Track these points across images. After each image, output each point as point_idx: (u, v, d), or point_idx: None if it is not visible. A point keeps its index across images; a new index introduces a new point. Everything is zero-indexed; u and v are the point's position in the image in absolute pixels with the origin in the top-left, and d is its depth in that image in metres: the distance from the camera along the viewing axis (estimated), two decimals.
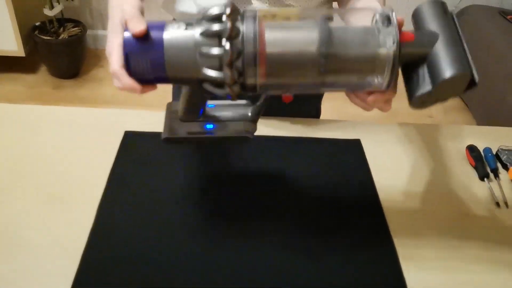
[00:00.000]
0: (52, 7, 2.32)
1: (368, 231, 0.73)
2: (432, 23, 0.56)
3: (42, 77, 2.50)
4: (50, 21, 2.36)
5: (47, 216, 0.71)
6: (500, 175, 0.86)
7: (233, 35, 0.52)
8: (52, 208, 0.72)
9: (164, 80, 0.57)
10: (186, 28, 0.54)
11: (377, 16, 0.55)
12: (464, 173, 0.86)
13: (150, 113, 0.92)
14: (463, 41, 0.57)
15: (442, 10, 0.58)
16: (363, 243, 0.71)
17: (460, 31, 0.57)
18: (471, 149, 0.89)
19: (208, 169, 0.81)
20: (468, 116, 2.42)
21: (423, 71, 0.55)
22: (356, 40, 0.54)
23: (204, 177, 0.79)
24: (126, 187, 0.76)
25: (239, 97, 0.57)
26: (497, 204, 0.80)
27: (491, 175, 0.86)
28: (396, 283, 0.66)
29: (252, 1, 0.81)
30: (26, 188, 0.75)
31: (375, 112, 0.63)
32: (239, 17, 0.53)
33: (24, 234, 0.67)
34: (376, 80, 0.55)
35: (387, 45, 0.52)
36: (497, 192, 0.82)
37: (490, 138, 0.94)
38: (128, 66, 0.56)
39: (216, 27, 0.52)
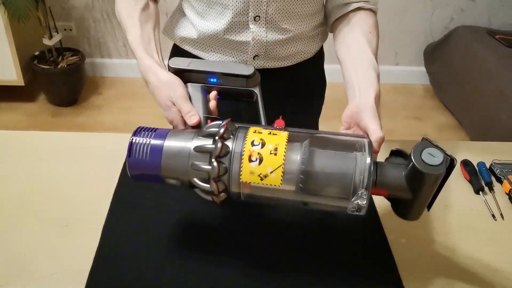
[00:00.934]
0: (51, 37, 2.36)
1: (367, 245, 0.74)
2: (420, 186, 0.58)
3: (41, 105, 2.53)
4: (49, 50, 2.41)
5: (52, 242, 0.72)
6: (495, 188, 0.88)
7: (221, 154, 0.59)
8: (57, 233, 0.73)
9: (158, 174, 0.62)
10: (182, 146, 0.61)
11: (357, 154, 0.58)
12: (459, 187, 0.88)
13: None
14: (443, 183, 0.60)
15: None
16: (362, 258, 0.72)
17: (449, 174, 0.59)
18: (466, 164, 0.91)
19: None
20: (462, 134, 2.45)
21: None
22: (333, 174, 0.58)
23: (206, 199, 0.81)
24: (129, 209, 0.78)
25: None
26: (493, 216, 0.82)
27: (486, 189, 0.88)
28: None
29: (250, 26, 0.84)
30: (31, 215, 0.76)
31: None
32: (231, 135, 0.60)
33: (29, 261, 0.68)
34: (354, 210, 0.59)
35: (359, 201, 0.57)
36: (492, 205, 0.84)
37: (483, 153, 0.97)
38: (130, 156, 0.62)
39: (208, 146, 0.59)
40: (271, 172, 0.57)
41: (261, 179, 0.58)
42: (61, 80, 2.43)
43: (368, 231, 0.77)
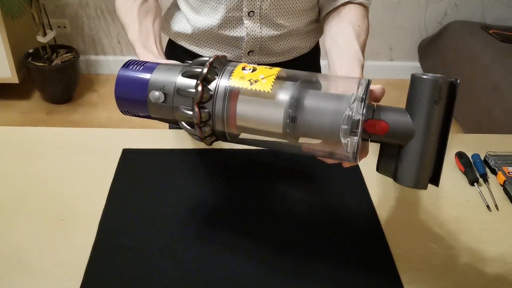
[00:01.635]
0: (45, 34, 2.35)
1: (364, 237, 0.75)
2: (422, 109, 0.53)
3: (35, 103, 2.52)
4: (43, 47, 2.40)
5: (49, 237, 0.72)
6: (489, 180, 0.89)
7: (203, 100, 0.54)
8: (54, 228, 0.73)
9: (144, 108, 0.60)
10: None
11: (354, 95, 0.53)
12: (454, 179, 0.89)
13: (147, 131, 0.95)
14: (447, 136, 0.55)
15: (436, 97, 0.53)
16: (359, 249, 0.73)
17: (451, 117, 0.55)
18: (460, 156, 0.92)
19: (206, 183, 0.83)
20: (456, 128, 2.47)
21: (393, 158, 0.57)
22: (324, 113, 0.53)
23: (203, 190, 0.81)
24: (125, 204, 0.78)
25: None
26: (488, 207, 0.83)
27: (481, 180, 0.88)
28: (392, 284, 0.68)
29: (244, 21, 0.84)
30: (27, 210, 0.76)
31: None
32: (216, 76, 0.55)
33: (26, 257, 0.68)
34: (339, 152, 0.55)
35: (350, 132, 0.51)
36: (487, 196, 0.85)
37: (477, 145, 0.97)
38: (118, 89, 0.60)
39: (196, 69, 0.56)
40: (263, 78, 0.54)
41: (251, 84, 0.54)
42: (55, 77, 2.42)
43: (364, 223, 0.77)
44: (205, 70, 0.55)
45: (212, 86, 0.55)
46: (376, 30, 2.76)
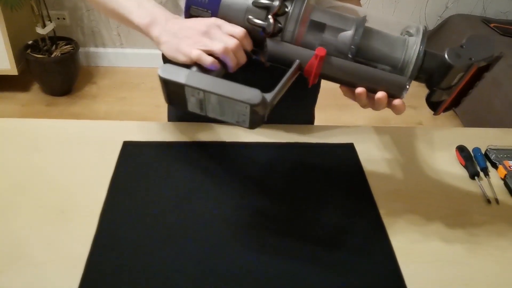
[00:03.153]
0: (44, 26, 2.34)
1: (365, 231, 0.75)
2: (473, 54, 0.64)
3: (35, 95, 2.51)
4: (43, 39, 2.39)
5: (50, 229, 0.72)
6: (490, 174, 0.89)
7: (279, 12, 0.61)
8: (54, 221, 0.73)
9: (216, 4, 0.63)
10: None
11: (408, 28, 0.65)
12: (455, 173, 0.89)
13: (148, 123, 0.94)
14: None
15: (488, 47, 0.67)
16: (360, 242, 0.73)
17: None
18: (461, 149, 0.92)
19: (207, 175, 0.83)
20: (456, 122, 2.47)
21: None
22: (386, 42, 0.63)
23: (203, 183, 0.81)
24: (126, 197, 0.78)
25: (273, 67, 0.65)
26: (488, 201, 0.83)
27: (481, 174, 0.88)
28: (393, 276, 0.68)
29: None
30: (27, 203, 0.76)
31: (367, 119, 0.67)
32: None
33: (26, 248, 0.68)
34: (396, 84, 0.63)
35: (412, 53, 0.62)
36: (488, 190, 0.85)
37: (478, 139, 0.97)
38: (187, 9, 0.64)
39: (266, 2, 0.61)
40: None
41: None
42: (55, 69, 2.41)
43: (365, 217, 0.77)
44: None
45: (288, 4, 0.61)
46: None
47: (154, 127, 0.94)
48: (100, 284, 0.64)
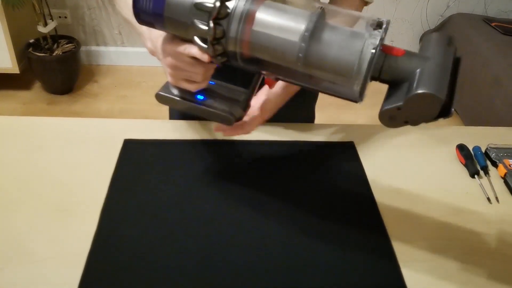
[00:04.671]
0: (45, 24, 2.34)
1: (365, 229, 0.75)
2: (431, 50, 0.55)
3: (36, 93, 2.52)
4: (44, 38, 2.39)
5: (51, 226, 0.72)
6: (490, 172, 0.89)
7: (220, 16, 0.56)
8: (55, 218, 0.73)
9: (161, 21, 0.61)
10: None
11: (369, 22, 0.55)
12: (455, 171, 0.89)
13: (149, 121, 0.95)
14: (456, 77, 0.55)
15: (447, 42, 0.57)
16: (361, 241, 0.73)
17: (458, 70, 0.55)
18: (461, 148, 0.92)
19: (207, 173, 0.83)
20: (457, 121, 2.46)
21: (402, 88, 0.54)
22: (340, 39, 0.55)
23: (204, 181, 0.81)
24: (127, 194, 0.78)
25: (227, 66, 0.62)
26: (488, 199, 0.83)
27: (481, 172, 0.89)
28: (393, 275, 0.68)
29: None
30: (28, 200, 0.76)
31: (368, 118, 0.67)
32: None
33: (27, 245, 0.69)
34: (348, 86, 0.56)
35: (367, 50, 0.52)
36: (488, 189, 0.85)
37: (479, 137, 0.98)
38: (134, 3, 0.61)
39: (207, 5, 0.56)
40: None
41: None
42: (56, 68, 2.41)
43: (365, 215, 0.77)
44: None
45: (230, 4, 0.56)
46: None
47: (155, 125, 0.94)
48: (100, 281, 0.64)
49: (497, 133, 1.01)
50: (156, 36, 0.68)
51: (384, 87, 0.60)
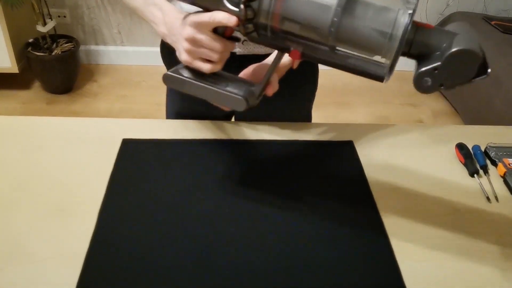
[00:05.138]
0: (44, 24, 2.34)
1: (364, 228, 0.75)
2: (457, 29, 0.55)
3: (35, 93, 2.52)
4: (43, 37, 2.39)
5: (49, 225, 0.72)
6: (490, 171, 0.89)
7: None
8: (53, 218, 0.73)
9: None
10: None
11: None
12: (454, 170, 0.89)
13: (147, 121, 0.94)
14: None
15: (468, 25, 0.57)
16: (359, 240, 0.73)
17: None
18: (461, 147, 0.92)
19: (206, 173, 0.83)
20: (457, 120, 2.46)
21: (435, 57, 0.53)
22: (374, 6, 0.54)
23: (202, 181, 0.81)
24: (125, 194, 0.78)
25: (252, 40, 0.60)
26: (488, 199, 0.83)
27: (481, 172, 0.88)
28: (392, 274, 0.68)
29: None
30: (26, 200, 0.76)
31: (367, 117, 0.66)
32: None
33: (26, 244, 0.69)
34: (381, 57, 0.56)
35: (401, 19, 0.52)
36: (487, 188, 0.85)
37: (478, 136, 0.97)
38: None
39: None
40: None
41: None
42: (55, 67, 2.41)
43: (364, 215, 0.77)
44: None
45: None
46: None
47: (153, 124, 0.94)
48: (98, 281, 0.64)
49: (497, 132, 1.01)
50: (171, 19, 0.68)
51: (384, 86, 0.59)
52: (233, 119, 1.11)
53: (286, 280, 0.66)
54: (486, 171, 0.89)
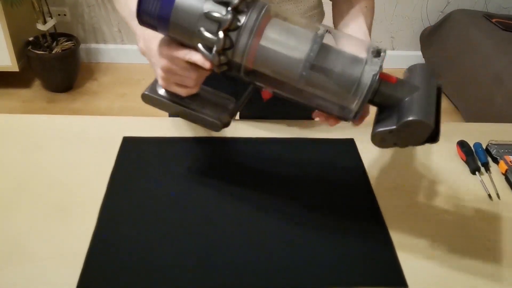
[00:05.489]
0: (45, 22, 2.34)
1: (365, 225, 0.75)
2: (417, 79, 0.60)
3: (36, 91, 2.51)
4: (43, 35, 2.38)
5: (49, 225, 0.72)
6: (491, 168, 0.89)
7: (239, 8, 0.56)
8: (54, 217, 0.73)
9: (165, 26, 0.60)
10: None
11: (370, 49, 0.59)
12: (455, 168, 0.89)
13: (148, 119, 0.94)
14: (440, 106, 0.60)
15: (430, 73, 0.62)
16: (361, 237, 0.73)
17: (440, 99, 0.60)
18: (462, 145, 0.92)
19: (207, 171, 0.83)
20: (458, 118, 2.46)
21: (393, 113, 0.58)
22: (342, 61, 0.58)
23: (203, 179, 0.81)
24: (126, 192, 0.78)
25: (225, 76, 0.62)
26: (489, 196, 0.82)
27: (482, 169, 0.88)
28: (394, 272, 0.68)
29: None
30: (27, 199, 0.76)
31: (369, 115, 0.67)
32: (245, 8, 0.57)
33: (26, 244, 0.68)
34: (346, 106, 0.59)
35: (368, 75, 0.56)
36: (489, 185, 0.85)
37: (479, 134, 0.97)
38: (140, 3, 0.60)
39: (218, 16, 0.57)
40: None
41: None
42: (56, 65, 2.41)
43: (365, 213, 0.77)
44: (236, 0, 0.56)
45: (241, 17, 0.57)
46: (378, 19, 2.74)
47: (154, 122, 0.94)
48: (99, 280, 0.64)
49: (498, 129, 1.01)
50: (150, 37, 0.67)
51: None
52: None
53: (286, 279, 0.66)
54: (487, 169, 0.88)
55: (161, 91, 0.72)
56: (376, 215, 0.77)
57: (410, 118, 0.55)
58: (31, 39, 2.43)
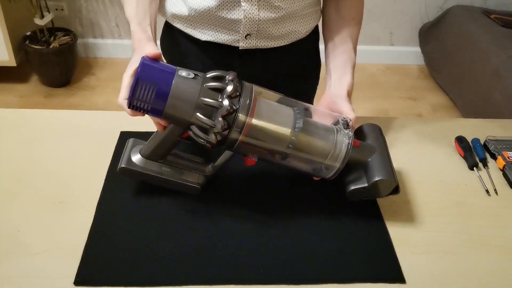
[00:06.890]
0: (42, 17, 2.33)
1: (363, 222, 0.75)
2: (371, 140, 0.76)
3: (33, 86, 2.50)
4: (41, 30, 2.37)
5: (47, 218, 0.72)
6: (489, 164, 0.89)
7: (232, 95, 0.63)
8: (52, 210, 0.73)
9: (159, 112, 0.64)
10: (194, 77, 0.64)
11: (340, 120, 0.73)
12: (453, 163, 0.89)
13: None
14: (390, 156, 0.75)
15: (379, 132, 0.78)
16: (359, 234, 0.73)
17: (388, 150, 0.76)
18: (460, 140, 0.92)
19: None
20: (456, 114, 2.46)
21: (361, 172, 0.72)
22: (320, 132, 0.70)
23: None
24: (123, 186, 0.77)
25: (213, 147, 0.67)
26: (487, 191, 0.83)
27: (480, 165, 0.88)
28: (391, 267, 0.68)
29: (242, 3, 0.82)
30: (25, 192, 0.76)
31: (366, 110, 0.68)
32: (237, 92, 0.64)
33: (24, 239, 0.68)
34: (325, 170, 0.72)
35: (343, 144, 0.70)
36: (487, 181, 0.85)
37: (477, 129, 0.97)
38: (134, 88, 0.62)
39: (220, 84, 0.64)
40: None
41: None
42: (53, 60, 2.40)
43: (363, 208, 0.77)
44: (230, 88, 0.63)
45: (235, 101, 0.64)
46: (377, 14, 2.73)
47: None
48: (97, 273, 0.64)
49: (496, 125, 1.01)
50: (135, 41, 0.74)
51: (384, 80, 0.59)
52: None
53: (285, 272, 0.66)
54: (485, 164, 0.88)
55: (137, 161, 0.73)
56: (374, 211, 0.77)
57: (378, 178, 0.69)
58: (28, 33, 2.42)
